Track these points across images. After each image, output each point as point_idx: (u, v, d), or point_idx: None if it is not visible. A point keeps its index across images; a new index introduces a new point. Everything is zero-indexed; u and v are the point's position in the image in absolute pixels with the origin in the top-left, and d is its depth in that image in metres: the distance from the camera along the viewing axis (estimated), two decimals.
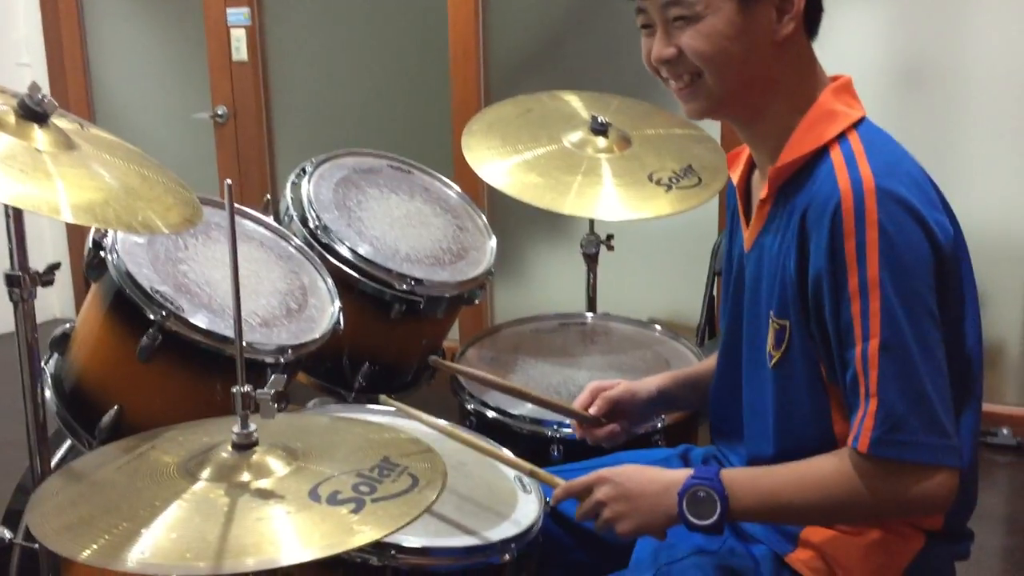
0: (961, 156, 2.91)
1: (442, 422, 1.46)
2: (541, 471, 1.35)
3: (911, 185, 1.13)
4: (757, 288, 1.28)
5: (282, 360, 1.60)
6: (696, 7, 1.18)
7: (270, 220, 1.90)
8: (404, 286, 1.87)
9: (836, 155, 1.17)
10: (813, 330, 1.17)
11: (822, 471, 1.16)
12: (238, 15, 3.58)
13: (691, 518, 1.18)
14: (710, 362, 1.54)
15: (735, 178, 1.38)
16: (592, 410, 1.51)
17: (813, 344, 1.18)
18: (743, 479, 1.20)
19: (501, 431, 1.76)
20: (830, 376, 1.18)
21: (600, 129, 2.12)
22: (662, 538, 1.25)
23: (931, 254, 1.11)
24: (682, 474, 1.22)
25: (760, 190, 1.28)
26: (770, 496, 1.18)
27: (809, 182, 1.18)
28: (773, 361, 1.23)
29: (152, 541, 0.99)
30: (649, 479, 1.24)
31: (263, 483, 1.08)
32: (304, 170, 2.00)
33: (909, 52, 2.90)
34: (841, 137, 1.19)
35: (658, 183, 2.05)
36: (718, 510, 1.17)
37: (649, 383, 1.54)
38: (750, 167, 1.37)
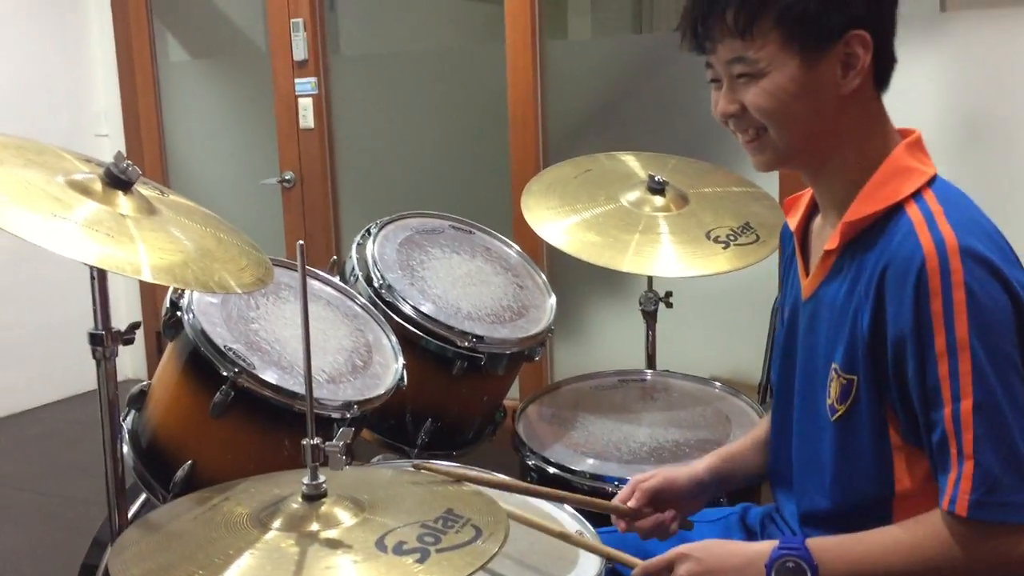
0: (1020, 213, 2.87)
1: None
2: (617, 552, 1.33)
3: (990, 243, 1.13)
4: (813, 339, 1.28)
5: (348, 415, 1.64)
6: (759, 64, 1.18)
7: (336, 280, 1.96)
8: (466, 343, 1.91)
9: (914, 213, 1.16)
10: (892, 389, 1.16)
11: (914, 537, 1.14)
12: (305, 84, 3.71)
13: None
14: (762, 428, 1.51)
15: (792, 224, 1.38)
16: (631, 503, 1.46)
17: (882, 401, 1.17)
18: (831, 547, 1.18)
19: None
20: (906, 435, 1.17)
21: (657, 188, 2.16)
22: None
23: (1013, 312, 1.11)
24: (765, 546, 1.20)
25: (823, 239, 1.28)
26: (860, 564, 1.16)
27: (883, 239, 1.17)
28: (836, 415, 1.22)
29: None
30: (731, 552, 1.22)
31: (331, 533, 1.11)
32: (369, 231, 2.07)
33: (967, 106, 2.89)
34: (916, 195, 1.18)
35: (716, 240, 2.07)
36: None
37: (695, 466, 1.49)
38: (808, 214, 1.37)
